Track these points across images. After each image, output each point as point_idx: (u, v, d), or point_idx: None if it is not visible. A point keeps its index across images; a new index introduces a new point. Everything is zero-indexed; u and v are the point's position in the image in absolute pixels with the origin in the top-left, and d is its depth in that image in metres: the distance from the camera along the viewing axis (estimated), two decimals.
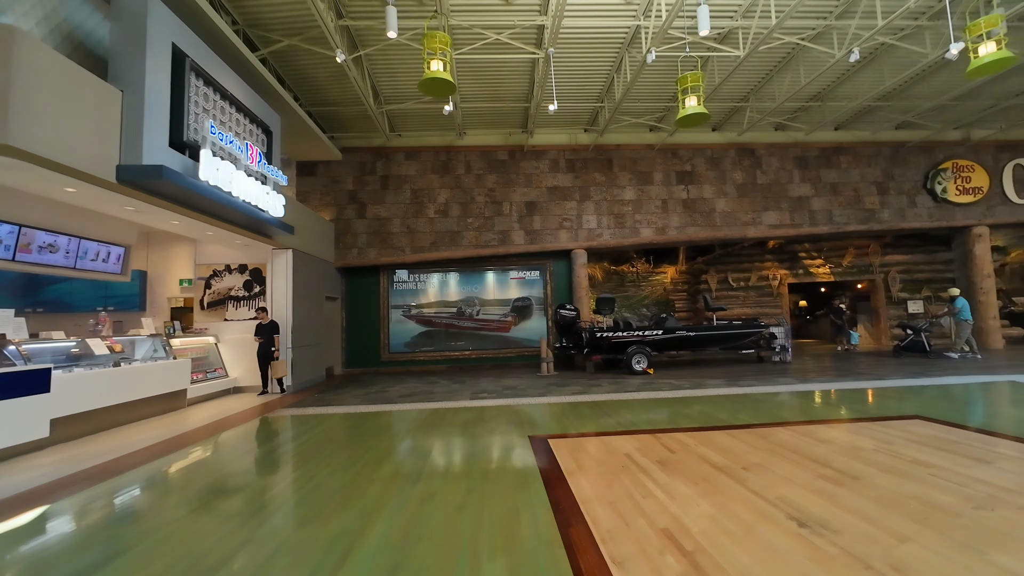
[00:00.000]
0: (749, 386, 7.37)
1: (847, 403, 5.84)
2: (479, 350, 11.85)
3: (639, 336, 9.52)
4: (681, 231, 11.75)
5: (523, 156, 11.76)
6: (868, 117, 11.62)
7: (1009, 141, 12.40)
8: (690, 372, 9.32)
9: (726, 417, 5.28)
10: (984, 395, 6.06)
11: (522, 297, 12.08)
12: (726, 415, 5.39)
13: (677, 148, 11.97)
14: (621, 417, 5.51)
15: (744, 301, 14.70)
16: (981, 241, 12.16)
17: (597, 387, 7.90)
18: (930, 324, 10.94)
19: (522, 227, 11.57)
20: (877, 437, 4.20)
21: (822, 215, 12.01)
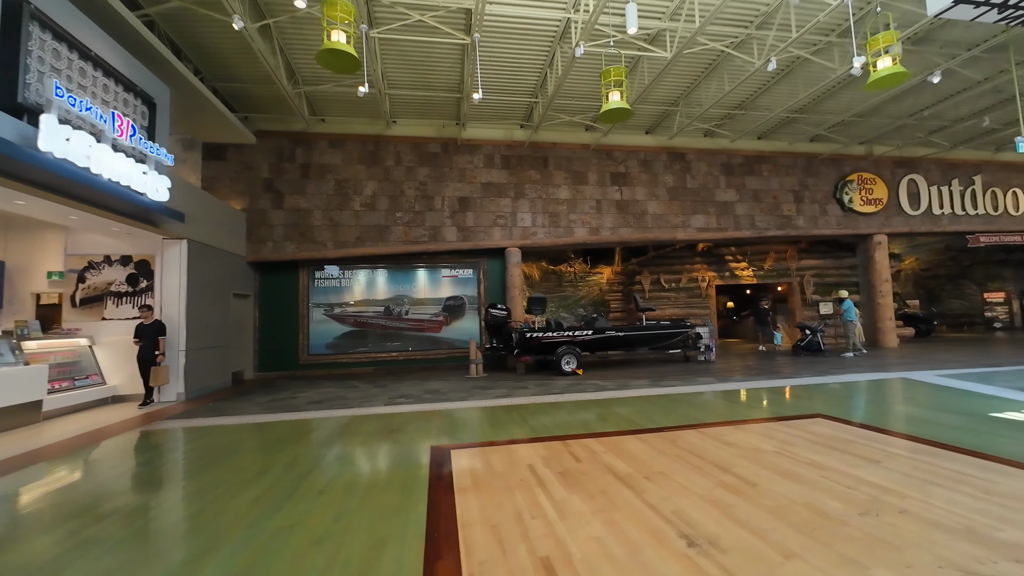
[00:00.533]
0: (671, 386, 7.40)
1: (758, 403, 5.94)
2: (408, 351, 11.27)
3: (569, 337, 9.39)
4: (614, 232, 11.82)
5: (457, 150, 11.32)
6: (786, 129, 12.28)
7: (905, 158, 13.61)
8: (618, 372, 9.32)
9: (641, 420, 5.15)
10: (879, 392, 6.41)
11: (454, 296, 11.64)
12: (642, 418, 5.27)
13: (612, 149, 12.04)
14: (537, 422, 5.24)
15: (675, 302, 15.14)
16: (881, 248, 13.24)
17: (522, 390, 7.64)
18: (824, 325, 11.80)
19: (455, 223, 11.13)
20: (779, 438, 4.19)
21: (745, 220, 12.55)
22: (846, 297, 11.27)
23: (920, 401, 5.69)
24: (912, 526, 2.45)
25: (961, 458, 3.48)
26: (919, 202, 13.55)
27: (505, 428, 5.06)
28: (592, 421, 5.21)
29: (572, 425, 5.05)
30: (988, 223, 13.90)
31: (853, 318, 10.90)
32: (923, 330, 15.91)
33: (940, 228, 13.68)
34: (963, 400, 5.60)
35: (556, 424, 5.13)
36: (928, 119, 11.76)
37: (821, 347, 11.18)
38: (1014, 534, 2.32)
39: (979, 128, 12.28)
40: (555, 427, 4.98)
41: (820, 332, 11.30)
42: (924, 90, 10.40)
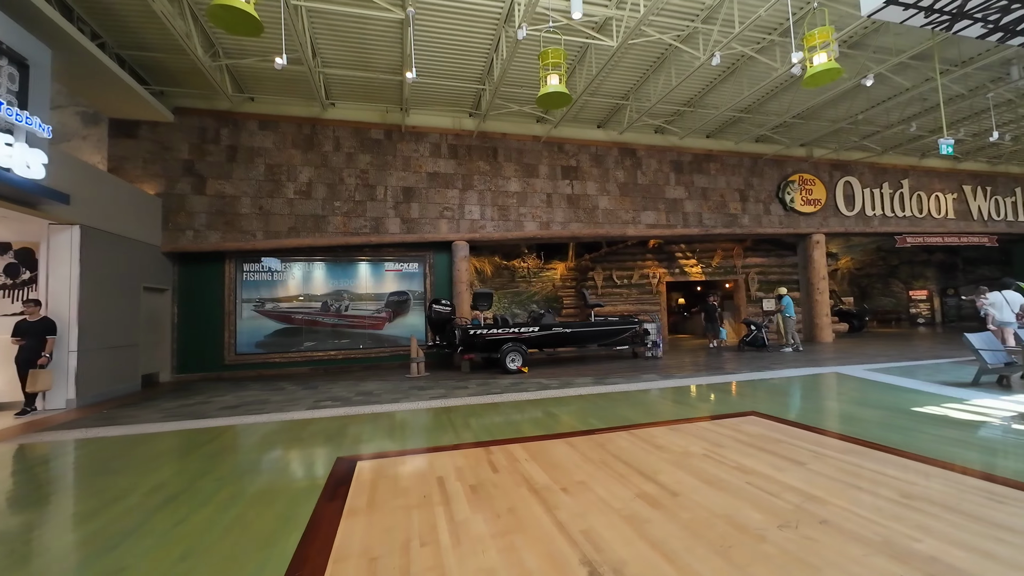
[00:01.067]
0: (614, 384, 7.24)
1: (695, 400, 5.83)
2: (348, 350, 10.62)
3: (514, 333, 9.09)
4: (565, 227, 11.62)
5: (401, 137, 10.74)
6: (733, 128, 12.48)
7: (842, 161, 14.20)
8: (564, 370, 9.11)
9: (576, 422, 4.89)
10: (811, 387, 6.47)
11: (399, 291, 11.08)
12: (578, 419, 5.02)
13: (563, 143, 11.81)
14: (466, 427, 4.88)
15: (627, 298, 15.20)
16: (818, 247, 13.77)
17: (462, 390, 7.25)
18: (767, 321, 12.16)
19: (398, 214, 10.56)
20: (710, 439, 4.02)
21: (693, 217, 12.69)
22: (785, 294, 11.63)
23: (848, 396, 5.75)
24: (831, 539, 2.25)
25: (884, 457, 3.41)
26: (854, 203, 14.18)
27: (430, 433, 4.66)
28: (525, 424, 4.90)
29: (502, 429, 4.72)
30: (914, 225, 14.76)
31: (792, 314, 11.23)
32: (856, 326, 16.78)
33: (872, 229, 14.39)
34: (887, 395, 5.71)
35: (486, 428, 4.78)
36: (862, 123, 12.26)
37: (765, 343, 11.48)
38: (931, 545, 2.17)
39: (907, 134, 12.94)
40: (483, 431, 4.63)
41: (764, 328, 11.60)
42: (858, 95, 10.79)
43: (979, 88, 10.39)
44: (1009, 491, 2.76)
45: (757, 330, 11.52)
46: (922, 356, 9.32)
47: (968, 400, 5.23)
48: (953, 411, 4.77)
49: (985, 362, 5.97)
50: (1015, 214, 16.05)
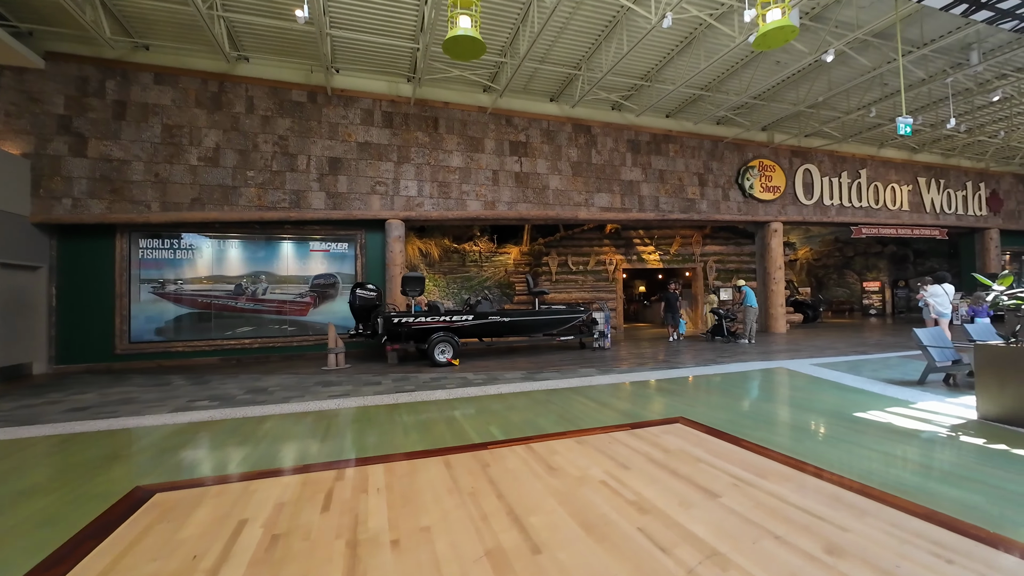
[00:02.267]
0: (544, 380, 6.53)
1: (623, 401, 5.16)
2: (265, 338, 9.55)
3: (445, 322, 8.25)
4: (512, 207, 10.77)
5: (328, 101, 9.57)
6: (693, 108, 11.83)
7: (802, 148, 13.84)
8: (499, 362, 8.36)
9: (471, 430, 4.12)
10: (753, 385, 5.92)
11: (326, 274, 10.03)
12: (479, 427, 4.25)
13: (512, 115, 10.88)
14: (341, 438, 4.04)
15: (582, 285, 14.58)
16: (776, 236, 13.43)
17: (372, 386, 6.39)
18: (729, 311, 11.79)
19: (323, 188, 9.46)
20: (620, 456, 3.32)
21: (650, 201, 12.06)
22: (744, 284, 11.24)
23: (790, 397, 5.21)
24: None
25: (815, 486, 2.77)
26: (812, 192, 13.89)
27: (288, 449, 3.80)
28: (413, 433, 4.10)
29: (380, 441, 3.90)
30: (869, 215, 14.63)
31: (754, 303, 10.83)
32: (810, 316, 16.74)
33: (829, 218, 14.16)
34: (831, 396, 5.20)
35: (361, 440, 3.95)
36: (822, 107, 11.83)
37: (725, 332, 11.09)
38: None
39: (866, 120, 12.63)
40: (354, 446, 3.81)
41: (728, 318, 11.21)
42: (819, 76, 10.29)
43: (938, 75, 10.03)
44: (958, 540, 2.13)
45: (720, 320, 11.15)
46: (871, 349, 9.04)
47: (914, 403, 4.74)
48: (898, 418, 4.25)
49: (933, 360, 5.53)
50: (964, 208, 16.20)
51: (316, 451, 3.67)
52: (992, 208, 16.66)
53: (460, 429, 4.18)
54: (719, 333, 11.26)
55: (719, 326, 11.24)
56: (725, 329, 11.07)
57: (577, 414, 4.62)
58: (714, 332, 11.40)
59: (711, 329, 11.56)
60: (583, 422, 4.31)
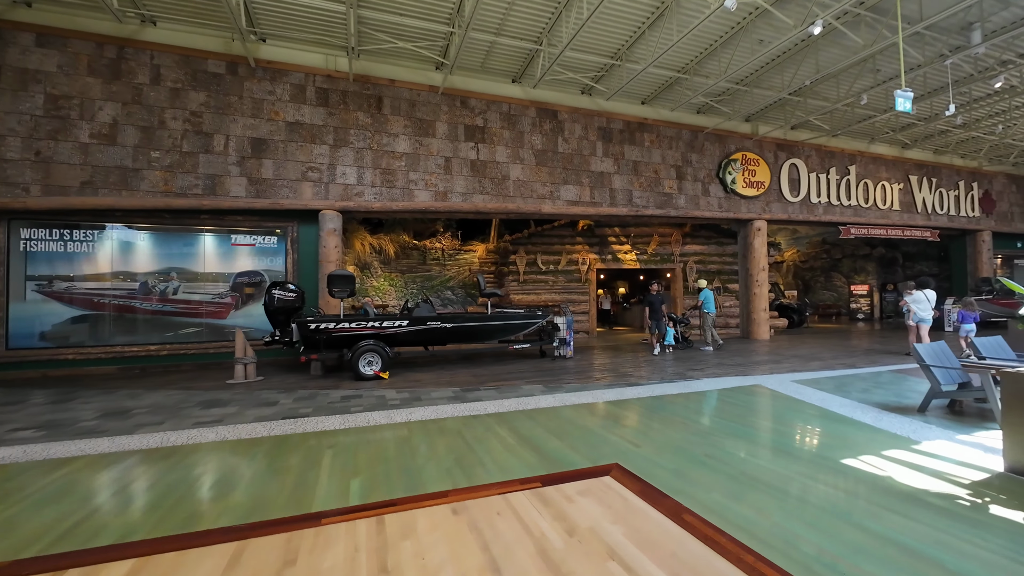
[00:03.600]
0: (475, 401, 5.43)
1: (549, 436, 4.07)
2: (175, 344, 8.33)
3: (374, 328, 7.11)
4: (467, 198, 9.65)
5: (251, 74, 8.38)
6: (669, 93, 10.81)
7: (788, 141, 12.90)
8: (438, 374, 7.25)
9: (328, 487, 3.01)
10: (718, 414, 4.87)
11: (250, 271, 8.83)
12: (338, 479, 3.14)
13: (468, 96, 9.76)
14: (142, 496, 2.91)
15: (553, 286, 13.52)
16: (760, 235, 12.47)
17: (263, 408, 5.24)
18: (685, 316, 11.02)
19: (245, 173, 8.27)
20: (499, 541, 2.23)
21: (622, 195, 11.01)
22: (705, 287, 10.37)
23: (760, 431, 4.16)
24: None
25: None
26: (799, 188, 12.96)
27: (26, 517, 2.66)
28: (238, 493, 2.98)
29: (177, 507, 2.77)
30: (858, 215, 13.75)
31: (712, 309, 9.93)
32: (796, 321, 15.85)
33: (816, 217, 13.24)
34: (811, 429, 4.16)
35: (157, 503, 2.83)
36: (809, 94, 10.89)
37: (681, 339, 10.34)
38: None
39: (856, 112, 11.72)
40: (170, 510, 2.68)
41: (682, 323, 10.30)
42: (806, 58, 9.31)
43: (936, 59, 9.10)
44: None
45: (674, 325, 10.37)
46: (860, 361, 8.07)
47: (917, 443, 3.72)
48: (899, 468, 3.21)
49: (937, 383, 4.52)
50: (957, 208, 15.41)
51: (58, 528, 2.53)
52: (985, 209, 15.89)
53: (311, 484, 3.06)
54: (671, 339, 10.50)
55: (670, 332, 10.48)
56: (680, 335, 10.30)
57: (484, 457, 3.52)
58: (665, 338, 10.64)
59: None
60: (483, 471, 3.22)
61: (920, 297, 8.56)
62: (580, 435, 4.06)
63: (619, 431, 4.15)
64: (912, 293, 8.69)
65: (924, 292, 8.61)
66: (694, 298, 13.94)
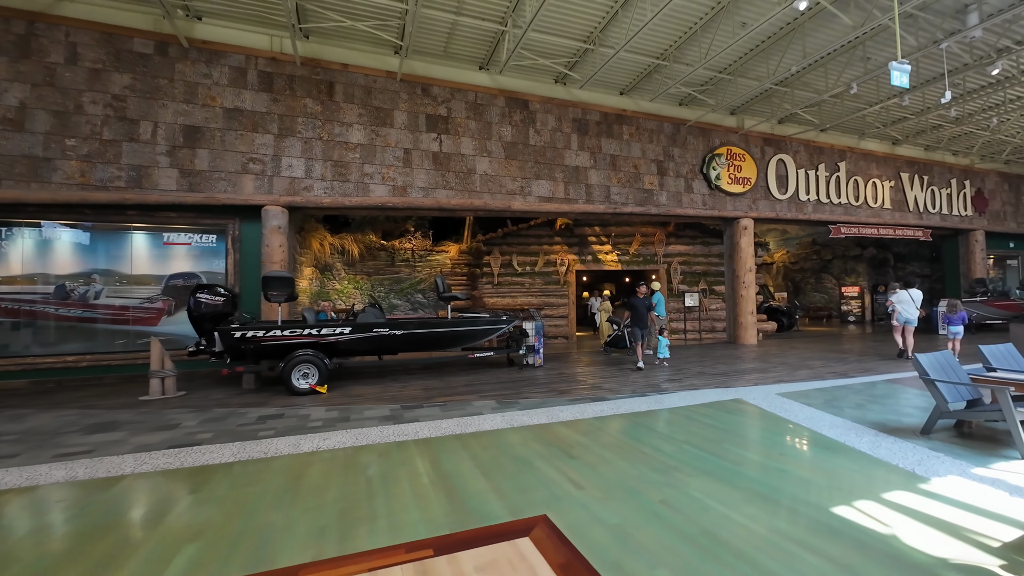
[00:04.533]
0: (412, 422, 4.67)
1: (477, 475, 3.31)
2: (97, 354, 7.48)
3: (311, 336, 6.33)
4: (428, 194, 8.90)
5: (184, 55, 7.59)
6: (648, 84, 10.14)
7: (775, 136, 12.29)
8: (384, 388, 6.46)
9: (149, 562, 2.23)
10: (687, 437, 4.14)
11: (185, 273, 8.01)
12: (161, 551, 2.36)
13: (430, 84, 9.03)
14: None
15: (529, 288, 12.79)
16: (746, 234, 11.82)
17: (158, 433, 4.44)
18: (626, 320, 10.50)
19: (176, 164, 7.46)
20: None
21: (599, 191, 10.31)
22: (658, 289, 9.82)
23: (736, 463, 3.43)
24: None
25: None
26: (787, 185, 12.34)
27: None
28: (15, 570, 2.20)
29: None
30: (849, 213, 13.17)
31: (662, 313, 9.46)
32: (785, 324, 15.24)
33: (805, 216, 12.62)
34: (797, 460, 3.44)
35: None
36: (796, 84, 10.28)
37: (628, 343, 9.83)
38: None
39: (846, 106, 11.13)
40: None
41: (627, 328, 9.82)
42: (792, 43, 8.67)
43: (930, 45, 8.50)
44: None
45: (619, 329, 9.90)
46: (852, 368, 7.40)
47: (925, 480, 3.01)
48: (905, 521, 2.49)
49: (943, 400, 3.82)
50: (949, 207, 14.90)
51: None
52: (977, 208, 15.40)
53: (118, 556, 2.28)
54: (618, 345, 10.04)
55: (619, 336, 10.00)
56: (628, 340, 9.76)
57: (380, 506, 2.76)
58: (612, 344, 10.15)
59: (608, 340, 10.25)
60: (367, 531, 2.45)
61: (905, 297, 8.40)
62: (514, 470, 3.30)
63: (564, 464, 3.41)
64: (897, 292, 8.57)
65: (909, 292, 8.44)
66: (678, 301, 13.28)
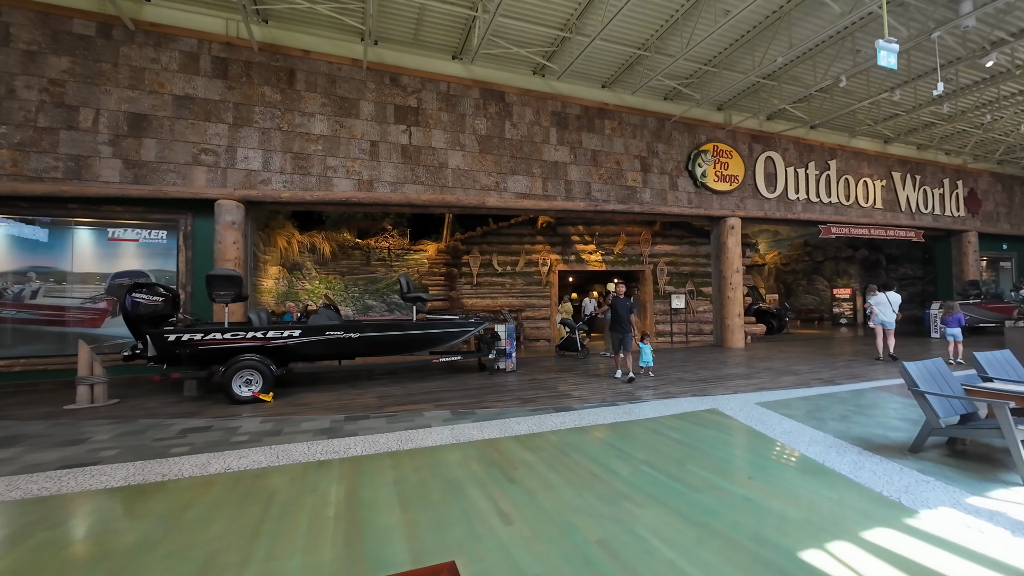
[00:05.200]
0: (349, 436, 4.21)
1: (394, 505, 2.84)
2: (33, 358, 6.95)
3: (256, 340, 5.84)
4: (396, 188, 8.43)
5: (130, 37, 7.10)
6: (630, 76, 9.71)
7: (763, 132, 11.91)
8: (337, 395, 5.98)
9: None
10: (644, 457, 3.69)
11: (132, 272, 7.50)
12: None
13: (399, 73, 8.57)
14: None
15: (510, 289, 12.32)
16: (733, 233, 11.43)
17: (63, 448, 3.95)
18: (585, 322, 10.14)
19: (119, 154, 6.96)
20: None
21: (580, 187, 9.88)
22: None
23: (700, 487, 2.97)
24: None
25: None
26: (775, 184, 11.96)
27: None
28: None
29: None
30: (839, 213, 12.80)
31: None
32: (775, 327, 14.86)
33: (794, 215, 12.25)
34: (768, 483, 2.99)
35: None
36: (784, 78, 9.91)
37: (579, 346, 9.60)
38: None
39: (836, 101, 10.76)
40: None
41: (581, 329, 9.83)
42: (778, 32, 8.27)
43: (921, 35, 8.13)
44: None
45: (572, 332, 9.60)
46: (839, 375, 6.98)
47: (914, 513, 2.57)
48: (892, 573, 2.05)
49: (935, 415, 3.40)
50: (942, 207, 14.58)
51: None
52: (970, 209, 15.09)
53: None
54: (570, 348, 9.68)
55: (571, 339, 9.67)
56: (579, 343, 9.55)
57: (255, 551, 2.29)
58: (564, 346, 9.80)
59: (561, 343, 9.90)
60: (291, 558, 1.98)
61: (882, 299, 8.45)
62: (439, 499, 2.84)
63: (500, 490, 2.95)
64: (875, 295, 8.63)
65: (887, 294, 8.47)
66: (665, 302, 12.87)
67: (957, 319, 8.16)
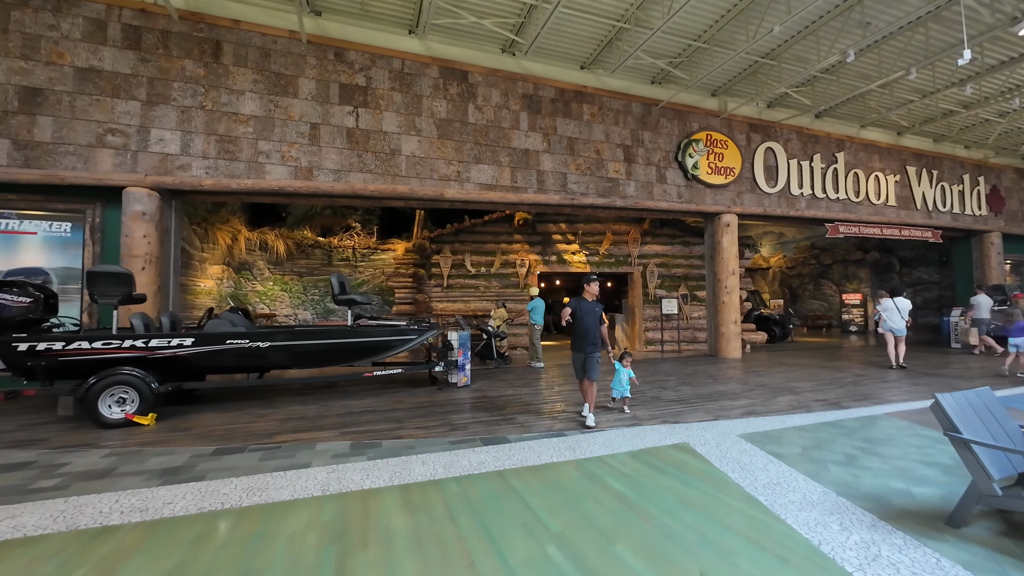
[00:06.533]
0: (196, 480, 3.19)
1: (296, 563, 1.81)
2: None
3: (135, 350, 4.85)
4: (340, 177, 7.45)
5: (24, 2, 6.20)
6: (612, 56, 8.68)
7: (763, 121, 10.81)
8: (232, 418, 4.97)
9: None
10: (570, 519, 2.63)
11: (26, 269, 6.57)
12: None
13: (345, 48, 7.62)
14: None
15: (485, 292, 11.30)
16: (729, 232, 10.32)
17: None
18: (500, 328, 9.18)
19: (7, 133, 6.05)
20: None
21: (554, 178, 8.85)
22: (536, 294, 8.75)
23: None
24: None
25: None
26: (776, 177, 10.84)
27: None
28: None
29: None
30: (848, 210, 11.64)
31: (539, 321, 8.80)
32: (777, 335, 13.67)
33: (797, 212, 11.11)
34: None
35: None
36: (785, 58, 8.82)
37: (495, 354, 8.86)
38: None
39: (844, 85, 9.65)
40: None
41: (497, 336, 9.01)
42: (775, 2, 7.23)
43: (943, 3, 7.04)
44: None
45: (488, 339, 8.88)
46: (846, 393, 5.86)
47: None
48: None
49: (985, 475, 2.30)
50: (961, 205, 13.34)
51: None
52: (993, 207, 13.83)
53: None
54: (487, 356, 8.89)
55: (488, 346, 8.87)
56: (495, 351, 8.85)
57: None
58: (481, 355, 8.92)
59: (478, 351, 8.91)
60: None
61: (890, 305, 8.32)
62: (305, 563, 1.80)
63: (389, 562, 1.90)
64: (883, 301, 8.52)
65: (895, 300, 8.34)
66: (655, 307, 11.78)
67: (1020, 327, 7.14)
